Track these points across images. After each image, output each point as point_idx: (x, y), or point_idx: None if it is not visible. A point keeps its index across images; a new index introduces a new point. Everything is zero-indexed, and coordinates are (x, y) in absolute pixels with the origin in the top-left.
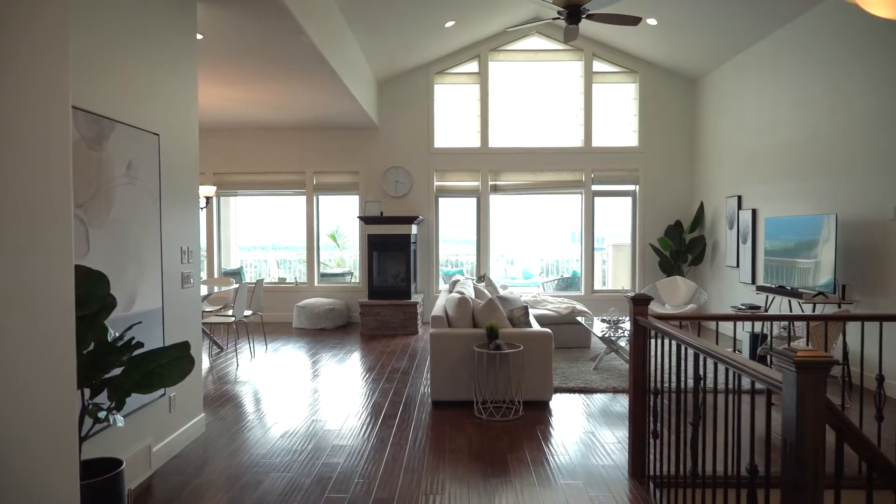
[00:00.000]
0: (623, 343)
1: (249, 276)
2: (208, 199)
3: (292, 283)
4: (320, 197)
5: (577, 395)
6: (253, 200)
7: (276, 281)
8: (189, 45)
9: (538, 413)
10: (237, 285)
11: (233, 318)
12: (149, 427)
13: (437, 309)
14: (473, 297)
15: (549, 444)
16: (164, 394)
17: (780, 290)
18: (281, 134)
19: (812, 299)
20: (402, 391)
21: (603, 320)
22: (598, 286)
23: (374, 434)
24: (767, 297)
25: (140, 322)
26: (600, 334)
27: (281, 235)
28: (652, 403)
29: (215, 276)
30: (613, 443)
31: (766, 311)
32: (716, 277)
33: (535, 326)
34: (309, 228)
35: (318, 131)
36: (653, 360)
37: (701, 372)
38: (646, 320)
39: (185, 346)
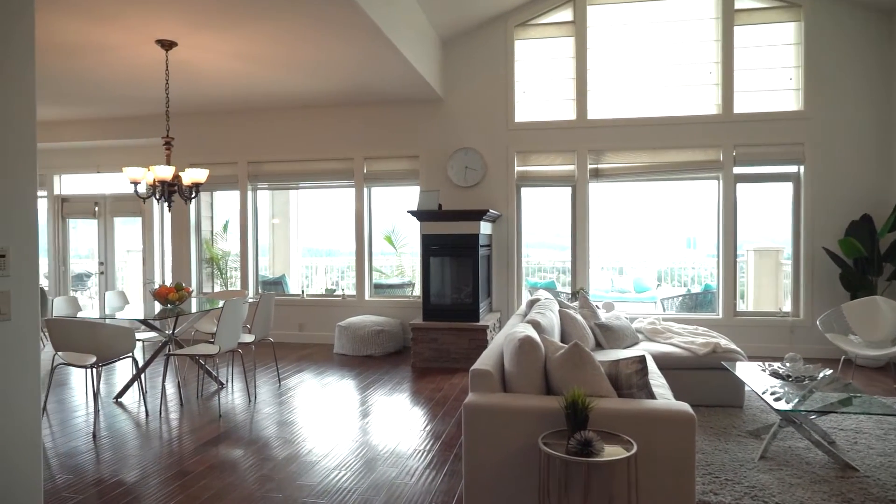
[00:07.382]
0: (812, 417)
1: (295, 287)
2: (197, 186)
3: (339, 297)
4: (373, 189)
5: None
6: (302, 195)
7: (324, 293)
8: None
9: None
10: (222, 304)
11: (216, 349)
12: None
13: (486, 357)
14: (558, 329)
15: None
16: None
17: None
18: (321, 112)
19: None
20: (427, 491)
21: (774, 373)
22: (738, 306)
23: None
24: None
25: None
26: (775, 402)
27: (330, 237)
28: None
29: (249, 287)
30: None
31: None
32: None
33: (665, 394)
34: (359, 227)
35: (366, 107)
36: None
37: None
38: None
39: None
